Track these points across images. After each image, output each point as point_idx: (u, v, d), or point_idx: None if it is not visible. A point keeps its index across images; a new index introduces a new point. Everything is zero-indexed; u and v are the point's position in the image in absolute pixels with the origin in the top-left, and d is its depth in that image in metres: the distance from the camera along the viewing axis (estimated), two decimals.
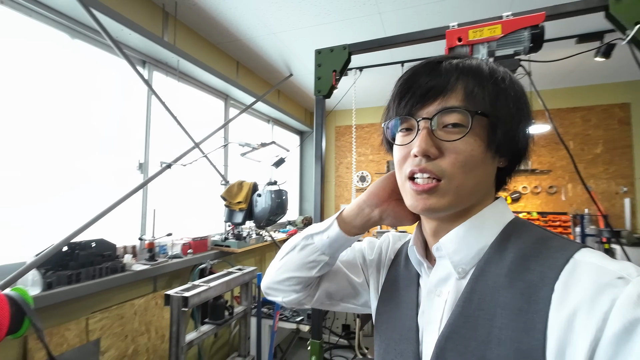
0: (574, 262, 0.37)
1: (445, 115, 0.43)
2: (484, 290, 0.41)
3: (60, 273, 1.30)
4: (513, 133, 0.44)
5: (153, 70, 1.96)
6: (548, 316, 0.35)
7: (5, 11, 1.29)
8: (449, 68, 0.44)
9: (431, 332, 0.45)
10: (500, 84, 0.44)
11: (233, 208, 2.01)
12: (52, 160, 1.46)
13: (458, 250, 0.45)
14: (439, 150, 0.43)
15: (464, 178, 0.43)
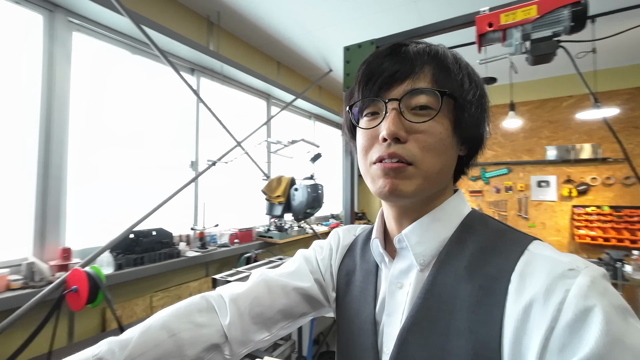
0: (529, 254, 0.38)
1: (414, 97, 0.42)
2: (444, 283, 0.41)
3: (128, 256, 1.53)
4: (476, 118, 0.44)
5: (200, 77, 2.16)
6: (505, 306, 0.36)
7: (80, 37, 1.54)
8: (415, 51, 0.44)
9: (392, 324, 0.45)
10: (464, 69, 0.45)
11: (273, 201, 2.14)
12: (118, 159, 1.72)
13: (421, 241, 0.45)
14: (408, 134, 0.42)
15: (433, 162, 0.42)
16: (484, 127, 0.47)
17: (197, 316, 0.51)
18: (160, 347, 0.46)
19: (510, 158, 3.53)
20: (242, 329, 0.53)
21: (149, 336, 0.47)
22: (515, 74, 2.63)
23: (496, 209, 3.57)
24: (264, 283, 0.57)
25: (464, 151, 0.47)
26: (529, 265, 0.37)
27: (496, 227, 0.44)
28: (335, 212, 3.83)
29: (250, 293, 0.56)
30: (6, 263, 1.25)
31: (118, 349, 0.44)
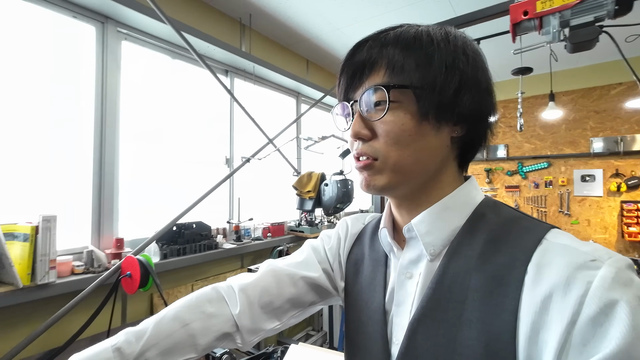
0: (546, 243, 0.36)
1: (371, 95, 0.42)
2: (455, 273, 0.40)
3: (172, 247, 1.66)
4: (447, 99, 0.40)
5: (234, 78, 2.25)
6: (520, 298, 0.34)
7: (128, 45, 1.67)
8: (373, 43, 0.43)
9: (401, 314, 0.45)
10: (427, 48, 0.41)
11: (303, 196, 2.20)
12: (160, 156, 1.85)
13: (430, 231, 0.44)
14: (372, 131, 0.42)
15: (399, 155, 0.41)
16: (473, 104, 0.42)
17: (207, 306, 0.54)
18: (173, 337, 0.49)
19: (550, 151, 3.34)
20: (252, 317, 0.54)
21: (162, 327, 0.50)
22: (556, 62, 2.49)
23: (535, 205, 3.41)
24: (272, 273, 0.58)
25: (458, 132, 0.44)
26: (547, 254, 0.35)
27: (509, 214, 0.42)
28: (364, 207, 3.84)
29: (259, 283, 0.57)
30: (70, 251, 1.40)
31: (134, 339, 0.47)
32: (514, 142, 3.53)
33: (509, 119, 3.50)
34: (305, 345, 1.22)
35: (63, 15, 1.43)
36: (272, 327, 0.57)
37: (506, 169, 3.57)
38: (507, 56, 2.88)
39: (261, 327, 0.56)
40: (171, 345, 0.49)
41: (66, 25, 1.45)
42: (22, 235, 1.15)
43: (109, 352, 0.45)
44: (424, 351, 0.40)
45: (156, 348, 0.48)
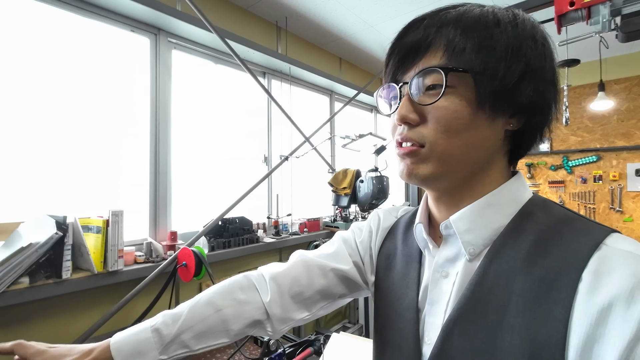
0: (606, 249, 0.33)
1: (425, 77, 0.39)
2: (497, 275, 0.38)
3: (218, 240, 1.78)
4: (508, 88, 0.37)
5: (271, 79, 2.35)
6: (572, 307, 0.32)
7: (177, 54, 1.81)
8: (430, 22, 0.40)
9: (435, 313, 0.43)
10: (492, 29, 0.37)
11: (339, 193, 2.26)
12: (205, 155, 1.98)
13: (470, 229, 0.41)
14: (421, 116, 0.40)
15: (448, 143, 0.39)
16: (536, 94, 0.39)
17: (239, 293, 0.55)
18: (206, 321, 0.51)
19: (600, 144, 3.13)
20: (282, 306, 0.55)
21: (196, 311, 0.52)
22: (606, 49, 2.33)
23: (582, 201, 3.21)
24: (303, 263, 0.58)
25: (514, 125, 0.41)
26: (606, 261, 0.32)
27: (562, 214, 0.39)
28: (398, 203, 3.82)
29: (289, 273, 0.57)
30: (132, 242, 1.56)
31: (171, 322, 0.50)
32: (558, 135, 3.35)
33: None
34: (346, 334, 1.28)
35: (123, 30, 1.58)
36: (302, 317, 0.57)
37: (549, 164, 3.39)
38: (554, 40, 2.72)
39: (291, 317, 0.56)
40: (205, 329, 0.51)
41: (125, 38, 1.60)
42: (95, 227, 1.31)
43: (148, 332, 0.48)
44: (460, 354, 0.38)
45: (191, 331, 0.50)
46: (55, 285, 1.17)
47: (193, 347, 0.51)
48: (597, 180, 3.14)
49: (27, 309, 1.20)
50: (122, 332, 0.49)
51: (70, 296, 1.28)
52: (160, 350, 0.48)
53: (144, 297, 1.43)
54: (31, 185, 1.33)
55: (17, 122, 1.29)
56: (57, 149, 1.39)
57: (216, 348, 1.44)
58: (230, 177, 2.10)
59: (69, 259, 1.20)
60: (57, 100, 1.39)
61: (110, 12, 1.51)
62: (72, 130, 1.43)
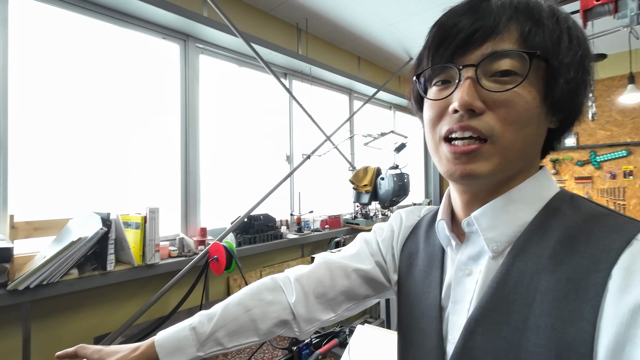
0: (638, 245, 0.31)
1: (495, 61, 0.36)
2: (522, 272, 0.37)
3: (245, 236, 1.86)
4: (575, 83, 0.37)
5: (292, 79, 2.41)
6: (602, 305, 0.31)
7: (204, 58, 1.89)
8: (499, 5, 0.37)
9: (458, 312, 0.42)
10: (563, 24, 0.37)
11: (360, 190, 2.30)
12: (231, 155, 2.07)
13: (493, 226, 0.40)
14: (486, 105, 0.36)
15: (514, 137, 0.36)
16: (584, 94, 0.39)
17: (266, 294, 0.57)
18: (237, 320, 0.54)
19: (630, 138, 3.01)
20: (307, 307, 0.57)
21: (228, 311, 0.55)
22: (636, 39, 2.25)
23: (611, 197, 3.11)
24: (325, 265, 0.59)
25: (555, 123, 0.40)
26: (638, 258, 0.31)
27: (591, 210, 0.38)
28: (417, 200, 3.81)
29: (313, 274, 0.59)
30: (166, 237, 1.66)
31: (206, 321, 0.53)
32: (585, 130, 3.24)
33: None
34: (370, 326, 1.32)
35: (155, 37, 1.68)
36: (327, 318, 0.59)
37: (576, 159, 3.29)
38: None
39: (316, 317, 0.58)
40: (236, 328, 0.54)
41: (157, 45, 1.70)
42: (134, 223, 1.41)
43: (186, 330, 0.52)
44: (483, 353, 0.37)
45: (224, 330, 0.53)
46: (101, 276, 1.28)
47: (226, 345, 0.54)
48: (627, 176, 3.02)
49: (76, 298, 1.31)
50: (164, 331, 0.53)
51: (113, 287, 1.39)
52: (197, 347, 0.52)
53: (177, 289, 1.53)
54: (78, 185, 1.44)
55: (64, 127, 1.41)
56: (100, 152, 1.50)
57: None
58: (254, 175, 2.17)
59: (112, 252, 1.30)
60: (99, 106, 1.50)
61: (143, 21, 1.60)
62: (111, 134, 1.54)
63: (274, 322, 0.56)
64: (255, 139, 2.20)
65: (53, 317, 1.27)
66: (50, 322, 1.27)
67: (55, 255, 1.15)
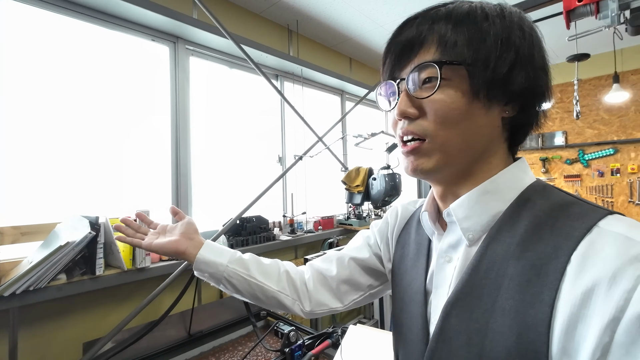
0: (598, 231, 0.33)
1: (420, 71, 0.41)
2: (492, 259, 0.39)
3: (237, 238, 1.85)
4: (500, 77, 0.39)
5: (284, 81, 2.41)
6: (559, 289, 0.33)
7: (194, 60, 1.89)
8: (423, 19, 0.42)
9: (439, 296, 0.45)
10: (481, 23, 0.39)
11: (352, 191, 2.30)
12: (221, 156, 2.06)
13: (469, 216, 0.43)
14: (420, 110, 0.41)
15: (448, 134, 0.40)
16: (527, 81, 0.40)
17: (290, 264, 0.71)
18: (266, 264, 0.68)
19: (617, 136, 3.07)
20: (315, 288, 0.66)
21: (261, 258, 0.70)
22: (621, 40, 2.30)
23: (600, 194, 3.16)
24: (326, 258, 0.69)
25: (510, 112, 0.42)
26: (595, 244, 0.32)
27: (560, 199, 0.39)
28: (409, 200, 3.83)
29: (316, 265, 0.69)
30: None
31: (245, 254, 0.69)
32: (573, 129, 3.30)
33: (567, 103, 3.28)
34: (363, 326, 1.32)
35: (144, 39, 1.67)
36: (335, 307, 0.66)
37: (565, 157, 3.35)
38: (564, 36, 2.69)
39: (323, 301, 0.66)
40: (264, 268, 0.67)
41: (147, 47, 1.69)
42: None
43: (230, 250, 0.68)
44: (457, 334, 0.40)
45: (255, 262, 0.67)
46: (90, 281, 1.26)
47: (251, 272, 0.65)
48: (614, 174, 3.08)
49: (65, 304, 1.29)
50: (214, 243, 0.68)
51: (103, 291, 1.37)
52: (229, 260, 0.65)
53: (169, 292, 1.51)
54: (66, 188, 1.42)
55: (52, 130, 1.39)
56: (89, 155, 1.48)
57: (237, 340, 1.50)
58: (246, 177, 2.17)
59: (101, 256, 1.28)
60: (90, 108, 1.48)
61: (131, 23, 1.59)
62: (100, 136, 1.52)
63: (291, 283, 0.67)
64: (247, 141, 2.19)
65: (41, 323, 1.25)
66: (38, 329, 1.25)
67: (42, 260, 1.13)
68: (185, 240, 0.65)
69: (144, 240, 0.68)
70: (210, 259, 0.64)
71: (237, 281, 0.64)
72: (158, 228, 0.71)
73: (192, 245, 0.65)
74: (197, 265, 0.64)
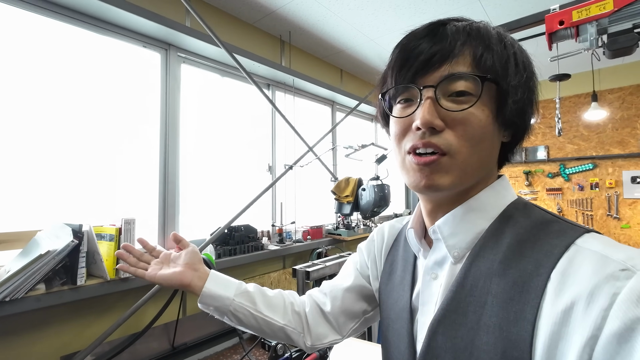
0: (575, 249, 0.34)
1: (452, 82, 0.39)
2: (477, 276, 0.40)
3: (224, 247, 1.83)
4: (522, 103, 0.41)
5: (275, 91, 2.42)
6: (540, 306, 0.33)
7: (186, 68, 1.88)
8: (454, 31, 0.41)
9: (425, 313, 0.45)
10: (510, 49, 0.41)
11: (342, 201, 2.31)
12: (212, 165, 2.04)
13: (453, 233, 0.43)
14: (445, 122, 0.40)
15: (471, 152, 0.40)
16: (531, 112, 0.44)
17: (295, 295, 0.70)
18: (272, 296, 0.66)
19: (596, 152, 3.20)
20: (314, 322, 0.65)
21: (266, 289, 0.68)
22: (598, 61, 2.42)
23: (580, 208, 3.27)
24: (322, 290, 0.69)
25: (507, 137, 0.44)
26: (574, 261, 0.33)
27: (540, 217, 0.40)
28: (398, 211, 3.87)
29: (314, 296, 0.69)
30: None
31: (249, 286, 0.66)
32: (555, 144, 3.42)
33: (549, 119, 3.40)
34: (350, 338, 1.31)
35: (135, 46, 1.66)
36: (334, 339, 0.65)
37: (547, 171, 3.45)
38: (546, 56, 2.82)
39: (322, 334, 0.65)
40: (269, 301, 0.65)
41: (138, 53, 1.68)
42: (108, 235, 1.36)
43: (236, 281, 0.66)
44: (444, 352, 0.40)
45: (262, 296, 0.65)
46: (70, 291, 1.22)
47: (258, 306, 0.63)
48: (594, 188, 3.19)
49: (43, 315, 1.24)
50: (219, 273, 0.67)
51: (84, 302, 1.32)
52: (235, 293, 0.63)
53: (153, 303, 1.47)
54: (49, 195, 1.38)
55: (36, 134, 1.35)
56: (73, 160, 1.45)
57: (223, 352, 1.47)
58: (236, 185, 2.15)
59: (83, 266, 1.24)
60: (74, 113, 1.46)
61: (123, 29, 1.58)
62: (87, 142, 1.49)
63: (296, 316, 0.65)
64: (238, 149, 2.18)
65: (18, 335, 1.20)
66: (15, 341, 1.19)
67: (20, 269, 1.09)
68: (190, 272, 0.63)
69: (148, 271, 0.66)
70: (216, 293, 0.61)
71: (243, 315, 0.62)
72: (161, 257, 0.69)
73: (197, 277, 0.63)
74: (202, 299, 0.62)
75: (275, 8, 2.01)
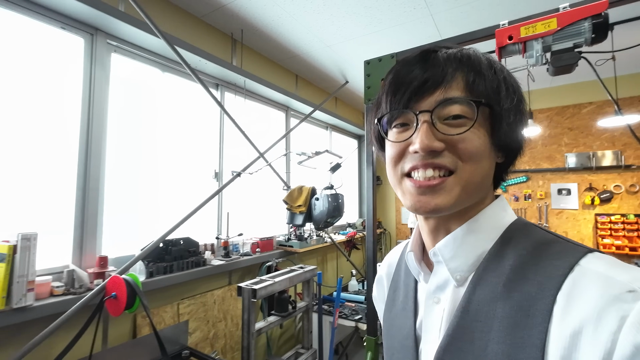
0: (580, 270, 0.34)
1: (447, 107, 0.40)
2: (481, 301, 0.39)
3: (158, 264, 1.60)
4: (515, 125, 0.42)
5: (225, 91, 2.25)
6: (548, 330, 0.32)
7: (118, 57, 1.64)
8: (446, 57, 0.42)
9: (429, 341, 0.43)
10: (500, 74, 0.42)
11: (294, 211, 2.19)
12: (147, 170, 1.80)
13: (455, 256, 0.42)
14: (443, 144, 0.40)
15: (473, 171, 0.40)
16: (522, 133, 0.45)
17: None
18: None
19: (529, 165, 3.49)
20: None
21: None
22: (533, 82, 2.63)
23: None
24: None
25: (501, 158, 0.44)
26: (579, 283, 0.33)
27: (541, 238, 0.40)
28: (351, 221, 3.85)
29: None
30: (49, 270, 1.32)
31: None
32: None
33: None
34: None
35: (51, 27, 1.39)
36: None
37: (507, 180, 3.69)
38: None
39: None
40: None
41: (53, 36, 1.41)
42: None
43: None
44: None
45: None
46: None
47: None
48: (527, 199, 3.47)
49: None
50: None
51: None
52: None
53: (63, 336, 1.21)
54: None
55: None
56: None
57: None
58: (176, 194, 1.92)
59: None
60: None
61: (35, 5, 1.32)
62: None
63: None
64: (180, 153, 1.96)
65: None
66: None
67: None
68: None
69: None
70: None
71: None
72: None
73: None
74: None
75: (226, 2, 1.87)
